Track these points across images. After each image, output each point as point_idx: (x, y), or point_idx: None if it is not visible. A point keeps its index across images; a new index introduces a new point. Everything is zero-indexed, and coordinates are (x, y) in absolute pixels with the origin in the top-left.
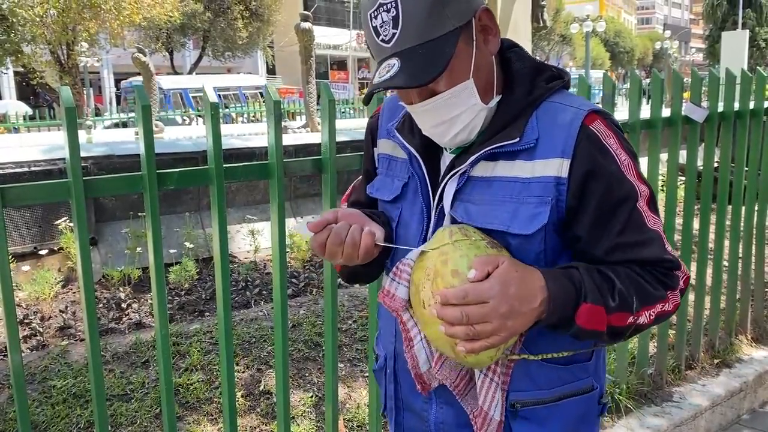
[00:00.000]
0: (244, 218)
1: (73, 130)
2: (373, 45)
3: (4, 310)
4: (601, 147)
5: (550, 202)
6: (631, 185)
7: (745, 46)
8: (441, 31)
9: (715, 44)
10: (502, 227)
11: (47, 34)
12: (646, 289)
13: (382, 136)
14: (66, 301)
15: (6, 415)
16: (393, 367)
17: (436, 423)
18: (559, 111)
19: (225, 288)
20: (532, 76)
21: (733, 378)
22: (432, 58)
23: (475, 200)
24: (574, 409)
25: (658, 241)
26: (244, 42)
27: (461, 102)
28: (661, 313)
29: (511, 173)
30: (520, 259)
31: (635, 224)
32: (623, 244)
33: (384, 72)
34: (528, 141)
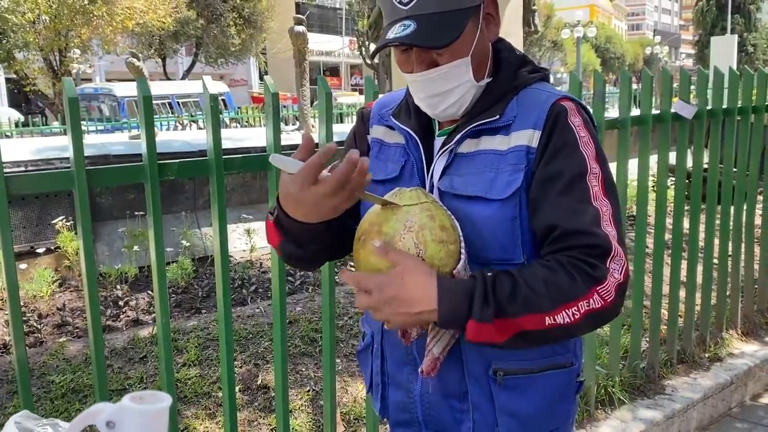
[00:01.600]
0: (240, 218)
1: (75, 120)
2: (388, 5)
3: (9, 301)
4: (564, 122)
5: (523, 169)
6: (582, 158)
7: (733, 51)
8: (457, 5)
9: (704, 49)
10: (480, 193)
11: (39, 41)
12: (560, 285)
13: (375, 123)
14: (63, 300)
15: (5, 409)
16: (380, 342)
17: (421, 394)
18: (537, 95)
19: (225, 279)
20: (517, 66)
21: (724, 371)
22: (447, 26)
23: (459, 173)
24: (553, 382)
25: (594, 216)
26: (237, 49)
27: (457, 76)
28: (590, 312)
29: (491, 146)
30: (497, 227)
31: (576, 195)
32: (557, 207)
33: (399, 30)
34: (507, 119)
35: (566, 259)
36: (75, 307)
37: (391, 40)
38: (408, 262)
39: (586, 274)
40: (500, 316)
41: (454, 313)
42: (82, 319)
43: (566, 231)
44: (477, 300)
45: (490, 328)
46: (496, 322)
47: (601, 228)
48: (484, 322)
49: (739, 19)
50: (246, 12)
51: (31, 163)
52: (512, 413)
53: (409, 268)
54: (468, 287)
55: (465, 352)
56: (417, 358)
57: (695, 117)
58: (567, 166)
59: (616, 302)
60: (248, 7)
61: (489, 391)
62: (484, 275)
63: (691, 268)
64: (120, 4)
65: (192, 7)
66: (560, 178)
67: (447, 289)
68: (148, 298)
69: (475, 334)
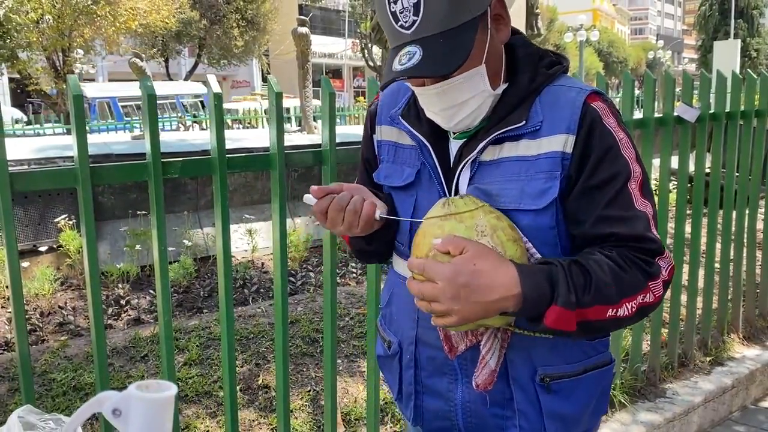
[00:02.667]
0: (242, 218)
1: (80, 118)
2: (390, 30)
3: (13, 299)
4: (601, 126)
5: (558, 176)
6: (625, 162)
7: (736, 56)
8: (461, 20)
9: (707, 54)
10: (512, 205)
11: (43, 40)
12: (625, 279)
13: (384, 123)
14: (65, 298)
15: (7, 406)
16: (413, 352)
17: (462, 403)
18: (563, 92)
19: (227, 277)
20: (535, 62)
21: (725, 375)
22: (454, 47)
23: (485, 182)
24: (596, 382)
25: (644, 221)
26: (240, 50)
27: (472, 87)
28: (642, 305)
29: (516, 153)
30: (534, 236)
31: (623, 201)
32: (608, 217)
33: (405, 59)
34: (533, 123)
35: (626, 253)
36: (76, 305)
37: (399, 73)
38: (477, 247)
39: (643, 270)
40: (578, 305)
41: (538, 298)
42: (84, 317)
43: (622, 237)
44: (561, 285)
45: (570, 315)
46: (575, 311)
47: (653, 232)
48: (567, 309)
49: (742, 24)
50: (249, 14)
51: (34, 162)
52: (559, 417)
53: (480, 253)
54: (548, 272)
55: (510, 359)
56: (458, 369)
57: (698, 120)
58: (613, 174)
59: (662, 298)
60: (251, 8)
61: (535, 396)
62: (560, 261)
63: (693, 272)
64: (123, 5)
65: (195, 8)
66: (608, 187)
67: (528, 273)
68: (150, 297)
69: (555, 321)
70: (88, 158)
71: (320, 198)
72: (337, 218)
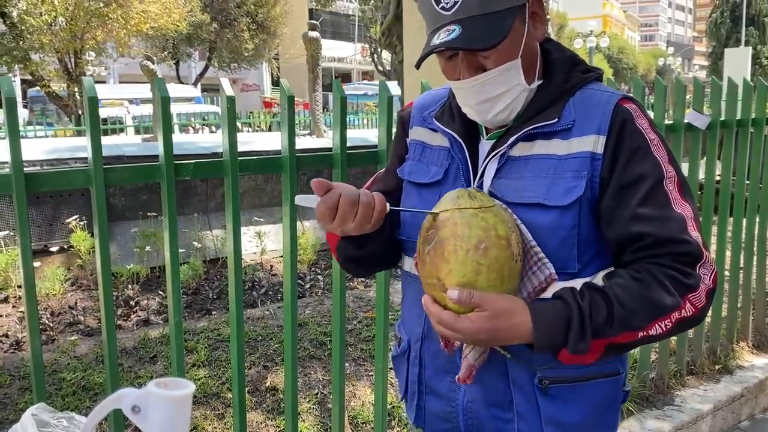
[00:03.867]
0: (251, 220)
1: (94, 119)
2: (431, 11)
3: (26, 299)
4: (632, 126)
5: (585, 176)
6: (656, 162)
7: (747, 63)
8: (501, 5)
9: (718, 61)
10: (537, 199)
11: (55, 43)
12: (656, 300)
13: (416, 124)
14: (75, 298)
15: (17, 405)
16: (419, 350)
17: (464, 403)
18: (595, 95)
19: (238, 279)
20: (569, 66)
21: (734, 384)
22: (493, 28)
23: (512, 177)
24: (600, 392)
25: (681, 222)
26: (250, 53)
27: (508, 80)
28: (681, 320)
29: (548, 151)
30: (553, 235)
31: (658, 201)
32: (642, 216)
33: (444, 35)
34: (566, 122)
35: (658, 270)
36: (86, 306)
37: (437, 46)
38: (494, 307)
39: (679, 283)
40: (596, 338)
41: (550, 345)
42: (93, 317)
43: (657, 240)
44: (573, 331)
45: (584, 355)
46: (591, 347)
47: (689, 234)
48: (578, 354)
49: (753, 32)
50: (259, 17)
51: (46, 163)
52: (558, 423)
53: (498, 313)
54: (563, 317)
55: (510, 361)
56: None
57: (708, 128)
58: (643, 172)
59: (705, 308)
60: (262, 12)
61: (535, 400)
62: (578, 301)
63: None
64: (135, 8)
65: (206, 11)
66: (638, 185)
67: (543, 324)
68: (159, 298)
69: (568, 360)
70: (102, 159)
71: (325, 192)
72: (351, 212)
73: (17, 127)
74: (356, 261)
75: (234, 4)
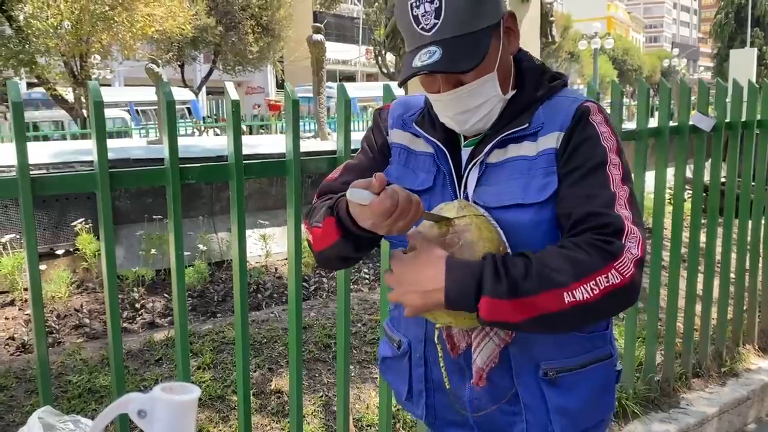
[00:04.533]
0: (256, 223)
1: (100, 123)
2: (411, 32)
3: (32, 302)
4: (586, 120)
5: (554, 171)
6: (602, 150)
7: (753, 64)
8: (478, 26)
9: (723, 62)
10: (516, 200)
11: (61, 46)
12: (574, 260)
13: (396, 126)
14: (81, 301)
15: (23, 408)
16: (422, 351)
17: (470, 399)
18: (562, 101)
19: (243, 282)
20: (538, 75)
21: (740, 386)
22: (471, 49)
23: (491, 183)
24: (597, 376)
25: (608, 199)
26: (255, 56)
27: (485, 92)
28: (610, 289)
29: (519, 153)
30: (536, 230)
31: (592, 182)
32: (572, 195)
33: (425, 57)
34: (535, 126)
35: (580, 239)
36: (92, 308)
37: (419, 68)
38: (423, 244)
39: (600, 249)
40: (516, 294)
41: (461, 291)
42: (99, 320)
43: (579, 215)
44: (487, 275)
45: (504, 305)
46: (512, 301)
47: (614, 210)
48: (498, 298)
49: (759, 33)
50: (264, 20)
51: (53, 166)
52: (564, 410)
53: (423, 249)
54: (477, 264)
55: (512, 355)
56: (465, 367)
57: (713, 129)
58: (586, 158)
59: (635, 278)
60: (266, 15)
61: (540, 391)
62: (494, 255)
63: (708, 282)
64: (140, 11)
65: (211, 14)
66: (579, 169)
67: (455, 266)
68: (164, 301)
69: (489, 312)
70: (107, 163)
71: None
72: (408, 209)
73: (24, 131)
74: (343, 259)
75: (239, 7)
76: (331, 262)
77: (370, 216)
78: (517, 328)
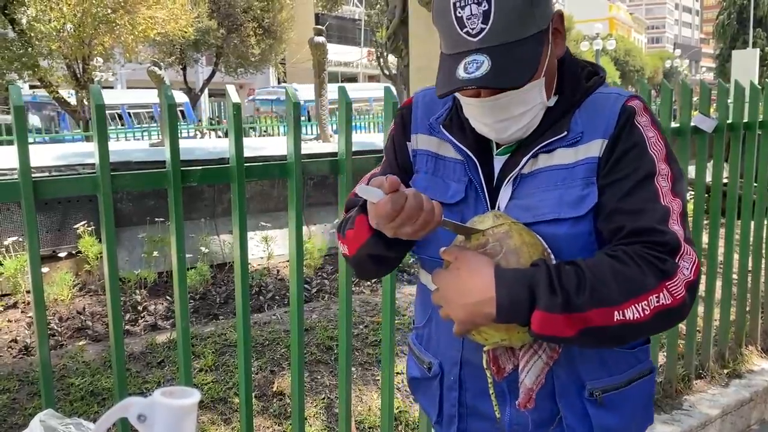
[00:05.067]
0: (258, 225)
1: (102, 126)
2: (452, 35)
3: (34, 305)
4: (632, 123)
5: (595, 182)
6: (650, 159)
7: (755, 65)
8: (529, 32)
9: (725, 63)
10: (552, 215)
11: (64, 49)
12: (628, 276)
13: (421, 131)
14: (83, 303)
15: (26, 410)
16: (458, 374)
17: (510, 424)
18: (601, 99)
19: (244, 284)
20: (578, 74)
21: (743, 388)
22: (521, 60)
23: (524, 196)
24: (641, 391)
25: (662, 214)
26: (257, 58)
27: (530, 99)
28: (659, 309)
29: (552, 162)
30: (573, 243)
31: (643, 195)
32: (621, 210)
33: (472, 68)
34: (574, 135)
35: (632, 250)
36: (94, 311)
37: (467, 82)
38: (465, 255)
39: (654, 266)
40: (569, 308)
41: (514, 301)
42: (101, 323)
43: (633, 230)
44: (542, 287)
45: (559, 319)
46: (564, 315)
47: (668, 226)
48: (553, 312)
49: (761, 33)
50: (266, 22)
51: (54, 169)
52: (608, 428)
53: (466, 260)
54: (529, 274)
55: (556, 376)
56: (506, 390)
57: (715, 130)
58: (635, 168)
59: (685, 301)
60: (268, 17)
61: (584, 411)
62: (547, 262)
63: (710, 283)
64: (142, 14)
65: (213, 17)
66: (626, 180)
67: (505, 276)
68: (166, 303)
69: (541, 325)
70: (109, 166)
71: (393, 191)
72: (414, 216)
73: (26, 134)
74: (376, 259)
75: (241, 9)
76: (365, 265)
77: (374, 216)
78: (563, 341)
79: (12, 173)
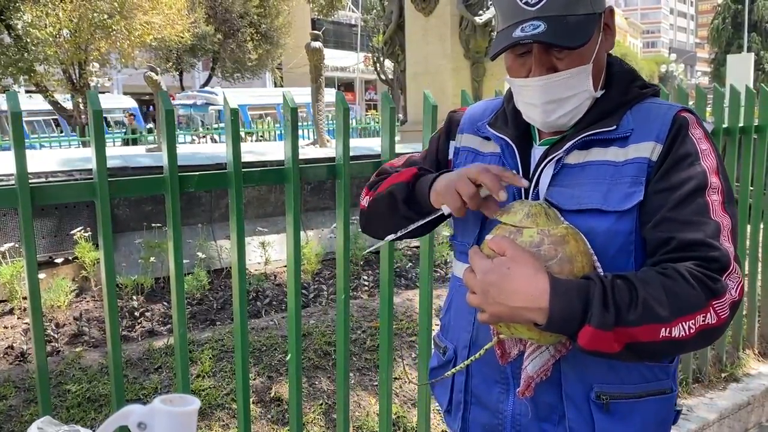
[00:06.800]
0: (255, 230)
1: (99, 132)
2: (512, 6)
3: (31, 311)
4: (686, 134)
5: (643, 182)
6: (702, 171)
7: (750, 69)
8: (584, 10)
9: (720, 67)
10: (595, 205)
11: (60, 54)
12: (680, 295)
13: (467, 131)
14: (80, 310)
15: (22, 417)
16: (466, 357)
17: (513, 415)
18: (654, 108)
19: (242, 290)
20: (628, 80)
21: (741, 392)
22: (577, 28)
23: (568, 185)
24: (653, 409)
25: (714, 229)
26: (253, 64)
27: (577, 84)
28: (704, 328)
29: (605, 157)
30: (611, 241)
31: (693, 208)
32: (672, 220)
33: (529, 28)
34: (624, 130)
35: (684, 268)
36: (92, 317)
37: (522, 38)
38: (518, 253)
39: (705, 285)
40: (618, 323)
41: (566, 317)
42: (98, 329)
43: (683, 242)
44: (596, 303)
45: (608, 336)
46: (614, 331)
47: (720, 242)
48: (603, 329)
49: (756, 38)
50: (263, 28)
51: (51, 174)
52: None
53: (518, 258)
54: (583, 286)
55: (564, 373)
56: (511, 378)
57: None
58: (686, 178)
59: (728, 321)
60: (265, 23)
61: (589, 415)
62: (600, 276)
63: None
64: (138, 19)
65: (209, 22)
66: (679, 189)
67: (561, 288)
68: (164, 309)
69: (589, 341)
70: (106, 172)
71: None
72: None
73: (23, 140)
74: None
75: (237, 14)
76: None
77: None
78: (607, 356)
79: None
